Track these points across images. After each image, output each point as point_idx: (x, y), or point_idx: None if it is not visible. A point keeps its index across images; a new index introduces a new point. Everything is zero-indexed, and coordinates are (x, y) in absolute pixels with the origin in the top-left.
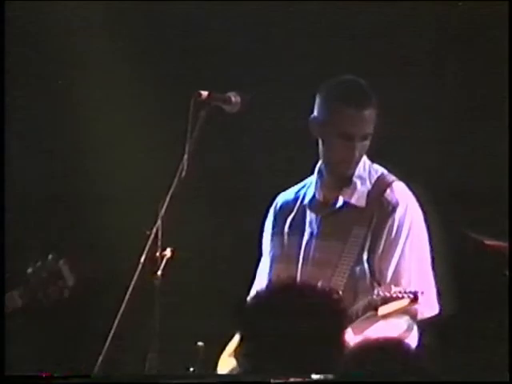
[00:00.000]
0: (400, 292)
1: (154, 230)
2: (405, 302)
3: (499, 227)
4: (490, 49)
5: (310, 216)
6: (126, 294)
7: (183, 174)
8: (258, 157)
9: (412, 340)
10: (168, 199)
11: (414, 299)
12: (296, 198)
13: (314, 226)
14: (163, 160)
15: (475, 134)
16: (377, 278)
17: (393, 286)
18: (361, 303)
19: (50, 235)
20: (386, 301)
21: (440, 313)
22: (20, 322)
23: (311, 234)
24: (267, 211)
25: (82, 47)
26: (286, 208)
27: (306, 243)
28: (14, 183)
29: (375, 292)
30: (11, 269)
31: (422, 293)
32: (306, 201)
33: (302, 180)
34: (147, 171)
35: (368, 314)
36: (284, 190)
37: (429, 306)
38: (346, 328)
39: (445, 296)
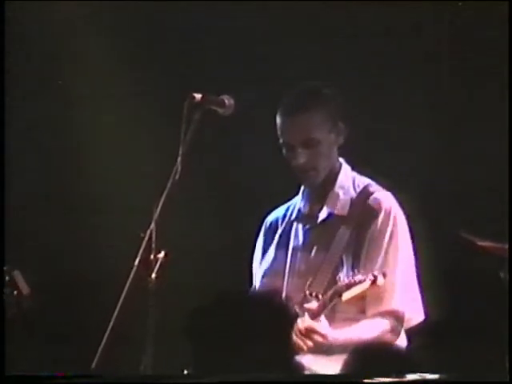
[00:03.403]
0: (362, 275)
1: (148, 232)
2: (366, 284)
3: (493, 231)
4: (490, 49)
5: (296, 229)
6: (120, 296)
7: (177, 176)
8: (253, 158)
9: (398, 341)
10: (162, 201)
11: (374, 281)
12: (284, 215)
13: (300, 239)
14: (158, 162)
15: (474, 136)
16: None
17: (356, 272)
18: (329, 293)
19: (44, 236)
20: (349, 286)
21: (426, 319)
22: (20, 322)
23: (297, 246)
24: (260, 226)
25: (82, 47)
26: (275, 225)
27: (292, 256)
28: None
29: (339, 279)
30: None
31: (384, 275)
32: (294, 215)
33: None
34: (142, 173)
35: (334, 301)
36: (276, 205)
37: (413, 313)
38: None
39: (437, 300)
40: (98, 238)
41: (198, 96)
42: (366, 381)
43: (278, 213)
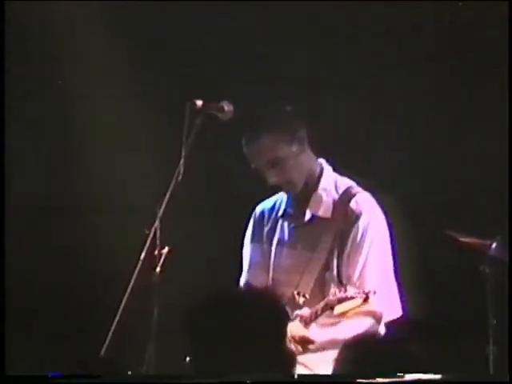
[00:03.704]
0: (354, 292)
1: (153, 229)
2: (358, 301)
3: (493, 231)
4: (490, 49)
5: (282, 227)
6: (125, 291)
7: (180, 176)
8: None
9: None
10: (166, 200)
11: (366, 298)
12: (272, 209)
13: (286, 237)
14: (161, 164)
15: (474, 136)
16: (344, 282)
17: (348, 287)
18: (320, 304)
19: (50, 235)
20: (341, 300)
21: (403, 315)
22: (20, 322)
23: (283, 243)
24: (248, 220)
25: (82, 47)
26: (263, 218)
27: (278, 252)
28: (14, 183)
29: (332, 292)
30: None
31: (375, 292)
32: (280, 213)
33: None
34: (146, 174)
35: (326, 313)
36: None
37: (391, 310)
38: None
39: (437, 299)
40: (103, 237)
41: (198, 102)
42: (363, 381)
43: (265, 205)
